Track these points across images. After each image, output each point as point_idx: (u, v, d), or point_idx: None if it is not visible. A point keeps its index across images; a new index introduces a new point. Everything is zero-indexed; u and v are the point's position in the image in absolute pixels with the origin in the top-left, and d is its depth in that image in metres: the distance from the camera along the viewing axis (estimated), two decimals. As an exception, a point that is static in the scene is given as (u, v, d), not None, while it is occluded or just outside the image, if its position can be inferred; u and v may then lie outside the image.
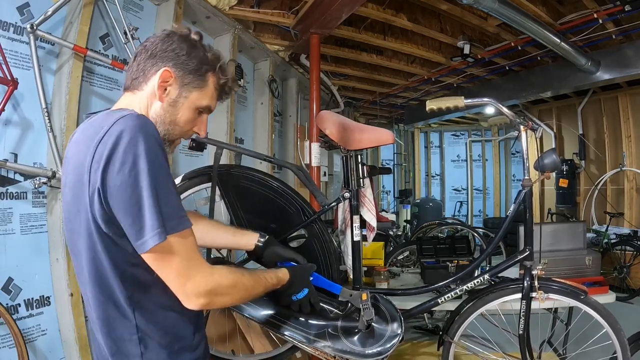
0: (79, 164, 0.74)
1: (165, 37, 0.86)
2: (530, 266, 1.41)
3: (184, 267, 0.75)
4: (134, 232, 0.71)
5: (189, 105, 0.88)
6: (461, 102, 1.36)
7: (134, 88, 0.87)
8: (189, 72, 0.86)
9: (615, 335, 1.41)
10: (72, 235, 0.81)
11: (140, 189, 0.70)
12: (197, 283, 0.76)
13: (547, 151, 1.44)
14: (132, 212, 0.70)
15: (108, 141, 0.70)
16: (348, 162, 1.44)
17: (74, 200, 0.77)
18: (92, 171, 0.71)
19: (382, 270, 2.40)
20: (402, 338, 1.28)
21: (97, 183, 0.71)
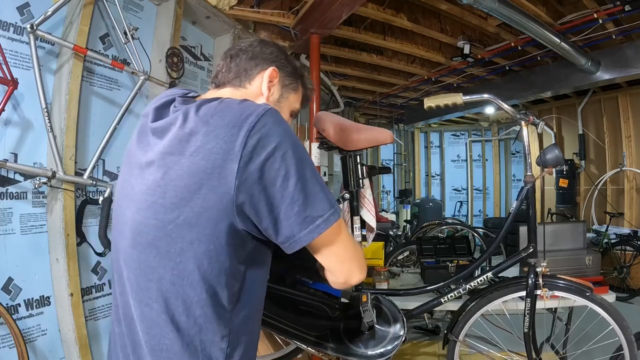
0: (213, 151, 0.67)
1: (261, 42, 0.90)
2: (535, 263, 1.40)
3: (352, 250, 0.78)
4: (300, 220, 0.69)
5: (288, 106, 0.91)
6: (460, 98, 1.35)
7: (238, 85, 0.86)
8: (288, 74, 0.90)
9: (622, 332, 1.40)
10: (164, 226, 0.70)
11: (306, 177, 0.69)
12: (362, 265, 0.80)
13: (550, 146, 1.41)
14: (298, 199, 0.68)
15: (263, 133, 0.67)
16: (347, 162, 1.44)
17: (190, 187, 0.68)
18: (244, 161, 0.66)
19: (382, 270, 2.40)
20: (405, 339, 1.27)
21: (253, 174, 0.66)
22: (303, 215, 0.69)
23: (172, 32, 2.33)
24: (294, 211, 0.68)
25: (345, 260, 0.78)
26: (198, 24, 2.80)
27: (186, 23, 2.67)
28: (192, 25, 2.78)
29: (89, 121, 2.00)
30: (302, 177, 0.69)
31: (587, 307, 1.43)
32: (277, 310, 1.33)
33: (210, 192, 0.67)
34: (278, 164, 0.67)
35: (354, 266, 0.79)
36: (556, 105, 6.10)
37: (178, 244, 0.70)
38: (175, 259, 0.70)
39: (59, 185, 1.77)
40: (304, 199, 0.68)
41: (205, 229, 0.68)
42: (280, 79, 0.88)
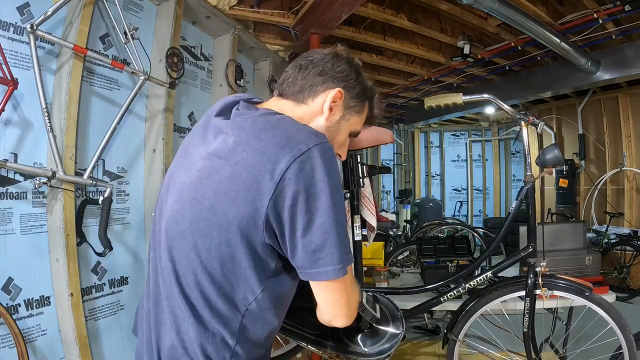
0: (256, 166, 0.70)
1: (335, 58, 0.88)
2: (534, 263, 1.40)
3: (349, 295, 0.80)
4: (313, 259, 0.72)
5: (348, 128, 0.90)
6: (460, 98, 1.35)
7: (300, 101, 0.86)
8: (354, 96, 0.89)
9: (621, 332, 1.40)
10: (198, 222, 0.74)
11: (331, 223, 0.70)
12: (352, 308, 0.83)
13: (549, 146, 1.41)
14: (317, 241, 0.71)
15: (308, 164, 0.69)
16: (347, 162, 1.45)
17: (228, 194, 0.71)
18: (282, 184, 0.68)
19: (382, 270, 2.40)
20: (403, 337, 1.28)
21: (287, 200, 0.69)
22: (316, 256, 0.72)
23: (172, 32, 2.33)
24: (310, 249, 0.71)
25: (336, 305, 0.80)
26: (198, 24, 2.80)
27: (186, 23, 2.67)
28: (192, 25, 2.78)
29: (89, 121, 2.00)
30: (328, 222, 0.71)
31: (587, 306, 1.43)
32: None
33: (244, 204, 0.70)
34: (311, 200, 0.69)
35: (343, 313, 0.82)
36: (556, 105, 6.10)
37: (207, 241, 0.74)
38: (202, 254, 0.74)
39: (59, 185, 1.77)
40: (321, 243, 0.71)
41: (234, 235, 0.72)
42: (345, 100, 0.87)
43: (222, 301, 0.75)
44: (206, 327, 0.76)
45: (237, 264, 0.74)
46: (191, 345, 0.77)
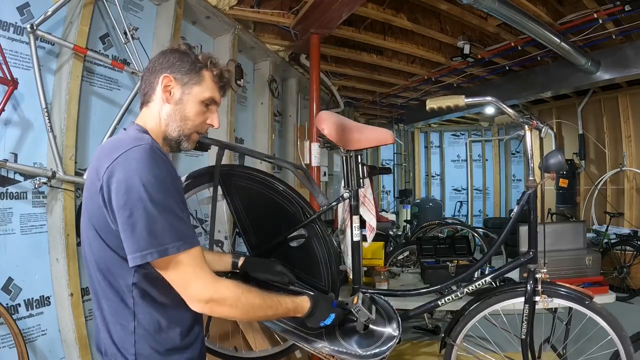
0: (95, 174, 0.86)
1: (160, 54, 1.02)
2: (534, 269, 1.38)
3: (188, 274, 0.85)
4: (127, 248, 0.82)
5: (194, 99, 0.99)
6: (462, 101, 1.34)
7: (147, 102, 1.01)
8: (185, 73, 0.99)
9: (620, 343, 1.37)
10: (84, 224, 0.92)
11: (133, 218, 0.81)
12: (198, 289, 0.86)
13: (552, 151, 1.40)
14: (125, 232, 0.82)
15: (111, 174, 0.83)
16: (348, 162, 1.44)
17: (88, 197, 0.89)
18: (103, 187, 0.83)
19: (382, 270, 2.40)
20: (399, 340, 1.27)
21: (106, 199, 0.84)
22: (131, 241, 0.82)
23: (172, 32, 2.33)
24: (126, 234, 0.82)
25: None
26: (198, 24, 2.80)
27: (186, 23, 2.67)
28: (192, 25, 2.78)
29: (89, 121, 2.00)
30: (136, 214, 0.81)
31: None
32: None
33: (94, 203, 0.86)
34: (116, 199, 0.82)
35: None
36: (556, 105, 6.10)
37: (87, 234, 0.92)
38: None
39: (59, 185, 1.77)
40: (130, 232, 0.82)
41: (95, 228, 0.89)
42: (177, 80, 0.98)
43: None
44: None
45: (109, 258, 0.89)
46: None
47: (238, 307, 0.91)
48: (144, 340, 0.88)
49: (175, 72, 0.98)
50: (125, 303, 0.88)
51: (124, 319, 0.88)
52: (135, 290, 0.87)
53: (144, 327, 0.88)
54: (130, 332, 0.87)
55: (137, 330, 0.88)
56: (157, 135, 0.98)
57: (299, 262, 1.49)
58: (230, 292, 0.89)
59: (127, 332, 0.88)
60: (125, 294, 0.88)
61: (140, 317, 0.88)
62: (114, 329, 0.89)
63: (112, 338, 0.89)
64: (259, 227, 1.50)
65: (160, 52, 1.02)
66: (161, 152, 0.88)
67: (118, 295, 0.88)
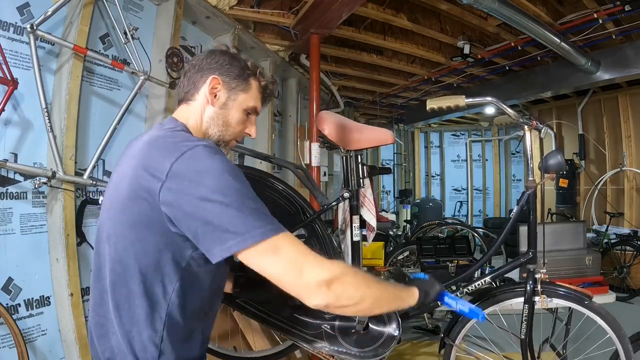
0: (146, 172, 0.79)
1: (209, 53, 0.99)
2: (534, 270, 1.38)
3: (298, 258, 0.76)
4: (211, 242, 0.75)
5: (238, 106, 0.98)
6: (462, 101, 1.34)
7: (188, 99, 0.98)
8: (234, 78, 0.97)
9: (619, 342, 1.37)
10: (118, 225, 0.83)
11: (220, 206, 0.75)
12: (315, 271, 0.76)
13: (552, 152, 1.40)
14: (209, 224, 0.75)
15: (183, 167, 0.77)
16: (348, 162, 1.45)
17: (132, 197, 0.80)
18: (166, 184, 0.76)
19: (382, 270, 2.41)
20: (399, 340, 1.27)
21: (172, 197, 0.76)
22: (215, 233, 0.78)
23: (172, 32, 2.33)
24: (208, 228, 0.78)
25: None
26: (198, 24, 2.80)
27: (186, 23, 2.67)
28: (192, 25, 2.78)
29: (89, 121, 2.00)
30: (221, 203, 0.76)
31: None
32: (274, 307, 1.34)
33: (141, 200, 0.80)
34: (197, 189, 0.76)
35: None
36: (556, 105, 6.10)
37: (122, 236, 0.85)
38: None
39: (59, 185, 1.77)
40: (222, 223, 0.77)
41: (144, 229, 0.81)
42: (225, 83, 0.96)
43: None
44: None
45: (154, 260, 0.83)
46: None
47: (363, 294, 0.81)
48: (168, 351, 0.83)
49: (224, 75, 0.96)
50: (157, 311, 0.82)
51: (150, 328, 0.81)
52: (174, 297, 0.82)
53: (170, 337, 0.83)
54: (156, 342, 0.81)
55: (164, 340, 0.82)
56: (197, 134, 0.95)
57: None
58: (353, 274, 0.80)
59: (152, 341, 0.81)
60: (161, 302, 0.82)
61: (169, 326, 0.82)
62: (135, 337, 0.82)
63: (131, 348, 0.82)
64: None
65: (209, 51, 1.00)
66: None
67: (150, 302, 0.81)
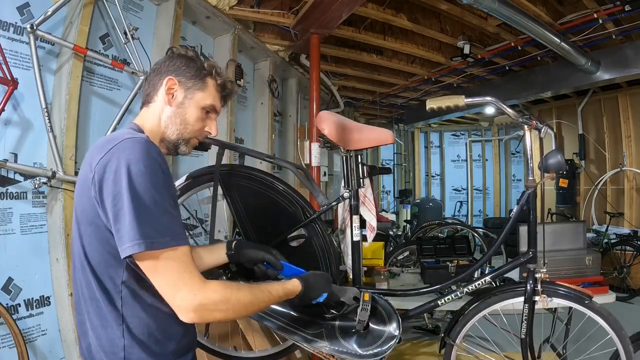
0: (88, 167, 0.85)
1: (167, 57, 1.04)
2: (534, 269, 1.38)
3: (173, 279, 0.82)
4: (118, 239, 0.80)
5: (195, 104, 1.01)
6: (462, 101, 1.34)
7: (148, 102, 1.02)
8: (190, 78, 1.00)
9: (620, 342, 1.37)
10: (76, 221, 0.90)
11: (123, 208, 0.79)
12: (185, 297, 0.81)
13: (552, 151, 1.39)
14: (116, 222, 0.80)
15: (104, 164, 0.82)
16: (348, 162, 1.44)
17: (80, 192, 0.88)
18: (95, 178, 0.82)
19: (382, 270, 2.40)
20: (399, 340, 1.27)
21: (98, 189, 0.82)
22: (121, 231, 0.81)
23: (172, 32, 2.33)
24: (117, 224, 0.82)
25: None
26: (198, 24, 2.80)
27: (186, 23, 2.67)
28: (192, 25, 2.78)
29: (89, 121, 2.00)
30: (127, 202, 0.80)
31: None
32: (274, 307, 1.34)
33: (85, 198, 0.85)
34: (106, 192, 0.81)
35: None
36: (556, 105, 6.10)
37: (79, 234, 0.90)
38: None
39: (59, 185, 1.77)
40: (120, 223, 0.82)
41: (89, 226, 0.87)
42: (182, 84, 1.00)
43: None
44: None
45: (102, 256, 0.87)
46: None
47: (229, 309, 0.87)
48: (134, 345, 0.86)
49: (180, 75, 1.00)
50: (114, 305, 0.85)
51: (113, 322, 0.85)
52: (125, 291, 0.86)
53: (133, 330, 0.86)
54: (119, 337, 0.85)
55: (126, 334, 0.85)
56: (155, 136, 0.98)
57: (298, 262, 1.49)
58: (219, 295, 0.85)
59: (116, 336, 0.85)
60: (114, 295, 0.86)
61: (129, 320, 0.86)
62: (102, 333, 0.86)
63: (100, 343, 0.86)
64: (259, 227, 1.50)
65: (168, 56, 1.04)
66: (157, 148, 0.87)
67: (107, 296, 0.85)
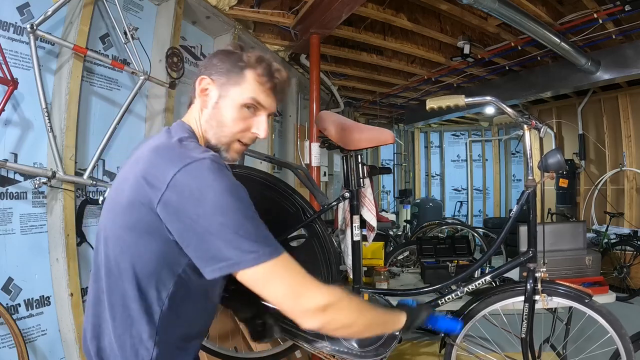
0: (147, 178, 0.77)
1: (210, 55, 0.95)
2: (534, 269, 1.38)
3: (295, 283, 0.78)
4: (205, 258, 0.75)
5: (231, 103, 0.90)
6: (462, 100, 1.34)
7: (191, 102, 0.95)
8: (224, 73, 0.90)
9: (620, 341, 1.37)
10: (117, 229, 0.81)
11: (218, 224, 0.74)
12: (312, 297, 0.78)
13: (552, 150, 1.40)
14: (205, 241, 0.74)
15: (185, 179, 0.75)
16: (348, 162, 1.45)
17: (131, 199, 0.79)
18: (166, 194, 0.75)
19: (382, 270, 2.41)
20: (400, 340, 1.27)
21: (172, 208, 0.75)
22: (211, 251, 0.78)
23: (172, 32, 2.33)
24: (203, 245, 0.78)
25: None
26: (198, 24, 2.80)
27: (186, 23, 2.67)
28: (192, 25, 2.78)
29: (89, 121, 2.00)
30: (220, 221, 0.75)
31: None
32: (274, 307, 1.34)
33: (141, 205, 0.78)
34: (197, 203, 0.74)
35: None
36: (556, 105, 6.10)
37: (119, 240, 0.84)
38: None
39: (59, 185, 1.77)
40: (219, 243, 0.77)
41: (140, 234, 0.80)
42: (215, 81, 0.90)
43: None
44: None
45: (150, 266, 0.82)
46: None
47: (357, 318, 0.83)
48: (160, 357, 0.82)
49: (215, 73, 0.90)
50: (150, 315, 0.81)
51: (143, 333, 0.81)
52: (167, 303, 0.81)
53: (163, 343, 0.82)
54: (146, 348, 0.81)
55: (156, 345, 0.81)
56: (199, 140, 0.91)
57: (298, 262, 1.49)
58: (348, 299, 0.81)
59: (143, 347, 0.81)
60: (155, 308, 0.81)
61: (161, 331, 0.82)
62: (126, 341, 0.81)
63: (123, 350, 0.81)
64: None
65: (212, 54, 0.96)
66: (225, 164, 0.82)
67: (145, 307, 0.80)
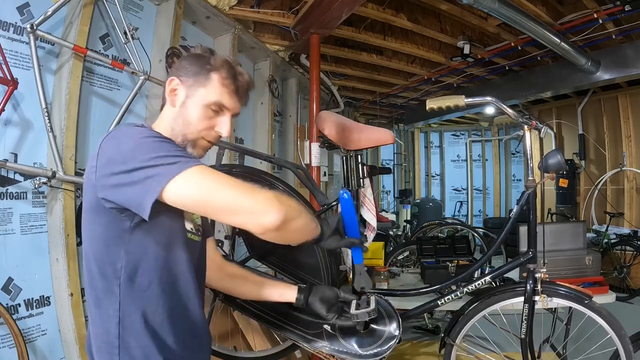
0: (91, 156, 0.86)
1: (181, 58, 1.03)
2: (534, 269, 1.38)
3: (238, 182, 0.83)
4: (135, 195, 0.79)
5: (197, 102, 0.95)
6: (462, 101, 1.34)
7: (162, 104, 1.01)
8: (192, 75, 0.96)
9: (620, 342, 1.37)
10: (85, 218, 0.90)
11: (133, 167, 0.79)
12: (262, 190, 0.83)
13: (552, 151, 1.40)
14: (130, 185, 0.79)
15: (106, 140, 0.85)
16: (348, 162, 1.45)
17: (86, 185, 0.87)
18: (98, 161, 0.83)
19: (382, 270, 2.41)
20: (399, 340, 1.27)
21: (98, 167, 0.82)
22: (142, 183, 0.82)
23: (172, 32, 2.33)
24: (132, 185, 0.82)
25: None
26: (198, 24, 2.80)
27: (186, 23, 2.67)
28: (192, 25, 2.78)
29: (89, 121, 2.00)
30: (138, 159, 0.81)
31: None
32: (274, 307, 1.34)
33: (88, 186, 0.86)
34: (117, 154, 0.82)
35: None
36: (556, 105, 6.10)
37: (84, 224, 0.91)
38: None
39: (59, 185, 1.77)
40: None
41: (90, 213, 0.88)
42: (183, 82, 0.96)
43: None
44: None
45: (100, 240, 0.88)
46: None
47: (303, 216, 0.89)
48: (129, 334, 0.85)
49: (183, 75, 0.96)
50: (112, 292, 0.85)
51: (109, 310, 0.85)
52: (124, 276, 0.85)
53: (129, 318, 0.85)
54: (115, 324, 0.85)
55: (121, 323, 0.85)
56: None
57: (299, 262, 1.49)
58: (291, 199, 0.87)
59: (112, 324, 0.85)
60: (113, 281, 0.85)
61: (124, 307, 0.85)
62: (98, 322, 0.86)
63: (96, 332, 0.87)
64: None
65: (182, 57, 1.03)
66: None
67: (106, 283, 0.85)
